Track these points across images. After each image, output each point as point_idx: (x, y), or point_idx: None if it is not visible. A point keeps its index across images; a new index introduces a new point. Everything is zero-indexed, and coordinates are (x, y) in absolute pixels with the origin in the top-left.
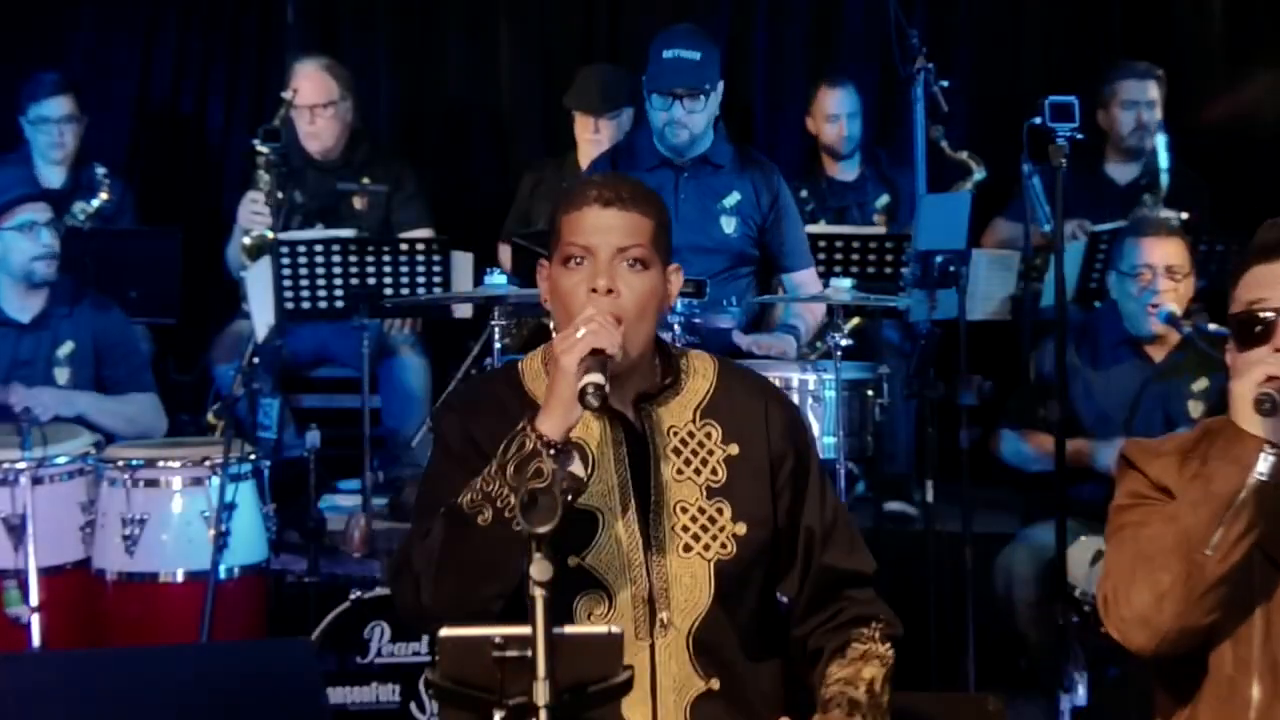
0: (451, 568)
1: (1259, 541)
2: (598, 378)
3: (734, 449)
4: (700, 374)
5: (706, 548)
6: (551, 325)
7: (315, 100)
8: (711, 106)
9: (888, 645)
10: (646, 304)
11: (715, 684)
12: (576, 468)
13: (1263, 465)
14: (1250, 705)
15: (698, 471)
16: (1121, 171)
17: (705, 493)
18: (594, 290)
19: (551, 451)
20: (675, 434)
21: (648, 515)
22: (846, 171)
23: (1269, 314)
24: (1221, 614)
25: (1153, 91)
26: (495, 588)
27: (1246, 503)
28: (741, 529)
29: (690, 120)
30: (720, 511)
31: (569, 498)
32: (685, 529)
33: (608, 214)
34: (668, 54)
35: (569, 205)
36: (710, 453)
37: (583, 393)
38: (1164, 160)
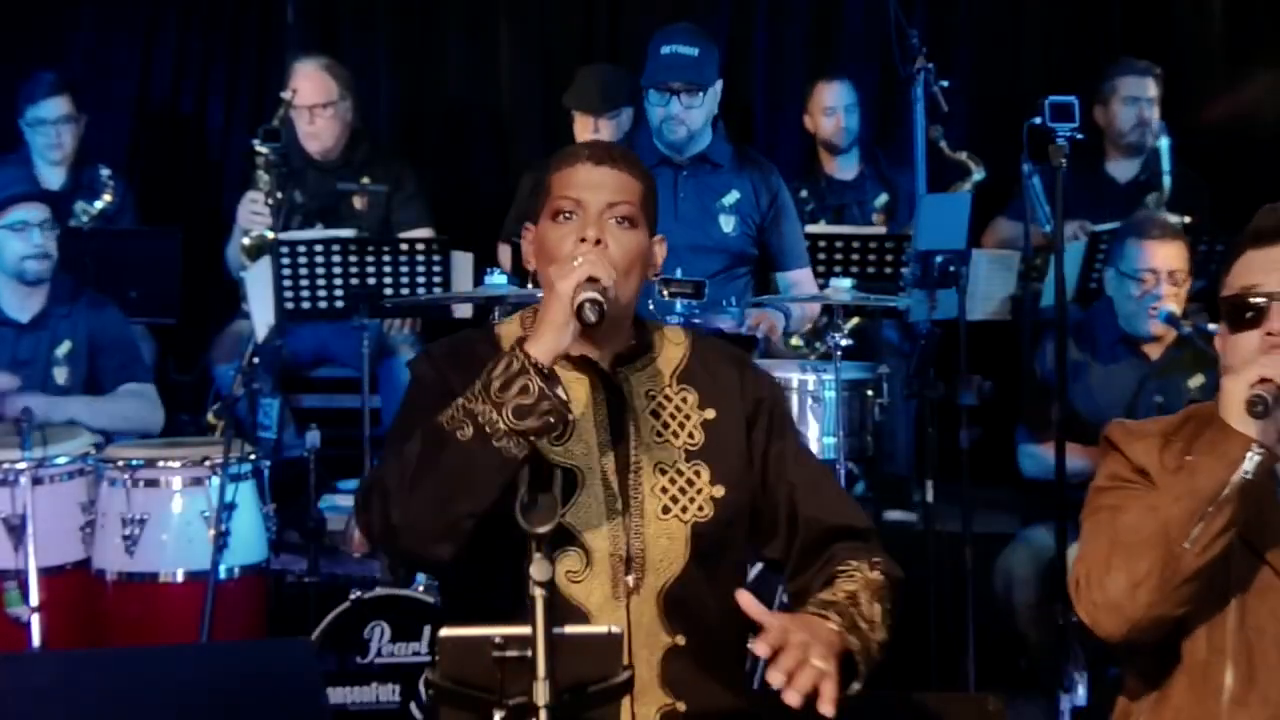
0: (426, 482)
1: (1239, 532)
2: (594, 294)
3: (710, 413)
4: (674, 343)
5: (684, 510)
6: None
7: (315, 100)
8: (709, 104)
9: (877, 572)
10: (633, 261)
11: (681, 640)
12: (563, 392)
13: (1248, 464)
14: (1223, 690)
15: (675, 435)
16: (1122, 170)
17: (684, 455)
18: (583, 240)
19: (540, 374)
20: (653, 398)
21: (627, 476)
22: (845, 170)
23: (1261, 299)
24: (1196, 603)
25: (1153, 89)
26: (469, 505)
27: (1229, 499)
28: (719, 491)
29: (688, 116)
30: (698, 474)
31: (553, 420)
32: (664, 490)
33: (599, 171)
34: (665, 50)
35: (560, 163)
36: (688, 416)
37: (580, 308)
38: (1166, 163)
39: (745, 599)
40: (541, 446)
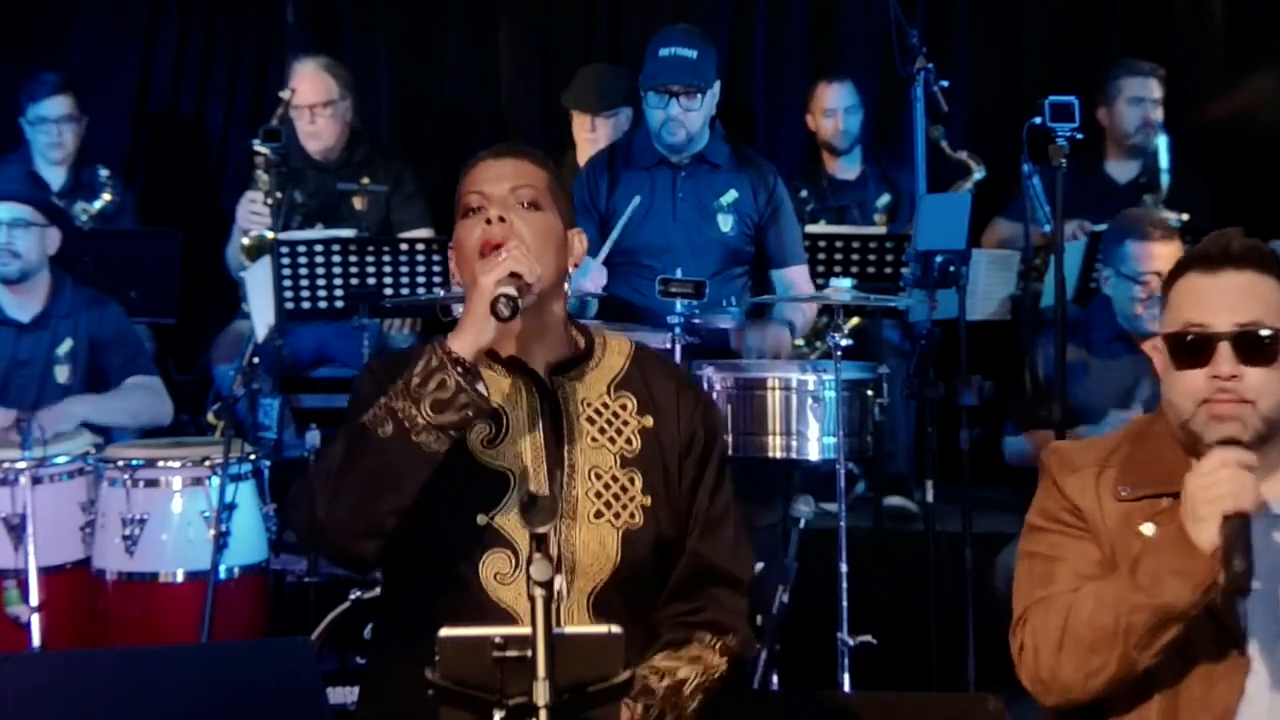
0: (349, 480)
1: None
2: (510, 289)
3: (648, 421)
4: (616, 351)
5: (616, 515)
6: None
7: (314, 100)
8: (708, 105)
9: (723, 659)
10: (544, 240)
11: None
12: (484, 387)
13: (1217, 590)
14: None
15: (612, 440)
16: (1121, 170)
17: (619, 461)
18: (488, 222)
19: (459, 369)
20: (589, 405)
21: (560, 479)
22: (847, 170)
23: (1207, 337)
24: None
25: (1156, 90)
26: (391, 501)
27: (1191, 613)
28: (648, 500)
29: (687, 118)
30: (632, 481)
31: (471, 415)
32: (598, 495)
33: (499, 163)
34: (664, 52)
35: (466, 169)
36: (625, 423)
37: (495, 302)
38: (1165, 161)
39: None
40: (473, 448)
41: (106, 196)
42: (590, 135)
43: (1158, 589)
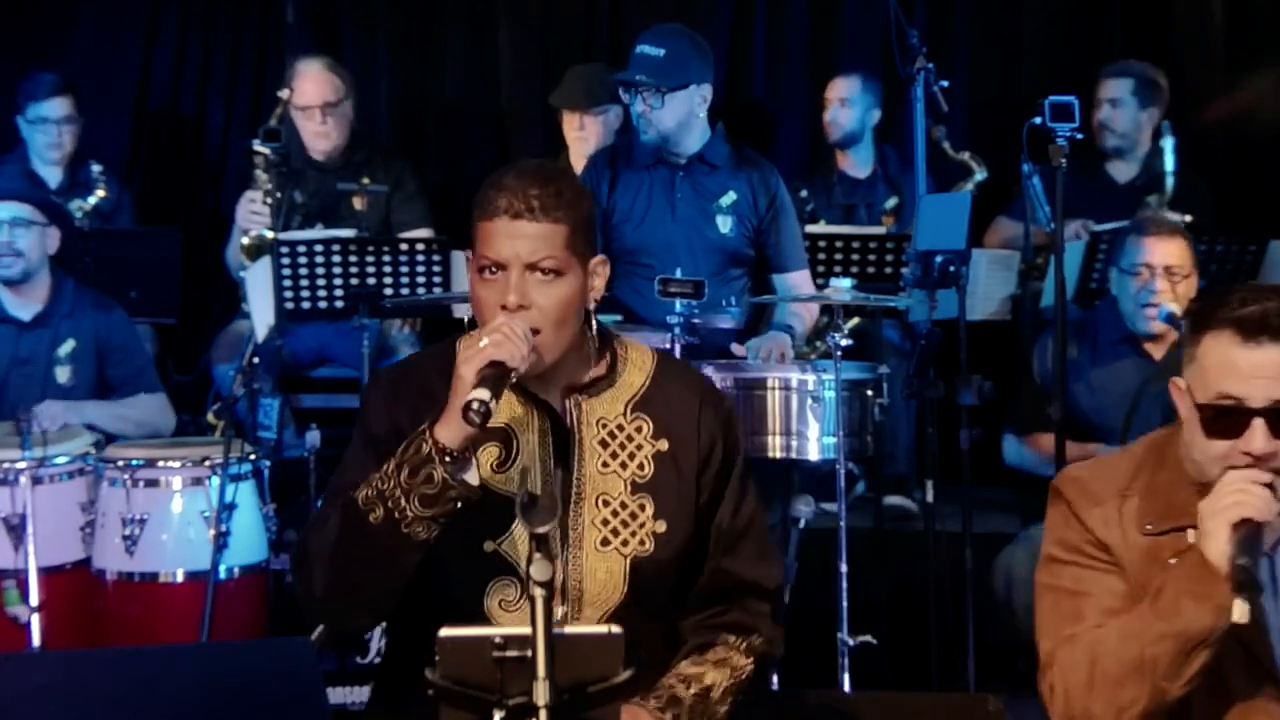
0: (342, 562)
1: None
2: (484, 393)
3: (663, 444)
4: (637, 366)
5: (625, 543)
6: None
7: (323, 100)
8: (682, 106)
9: (749, 659)
10: (564, 312)
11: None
12: (471, 476)
13: (1238, 614)
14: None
15: (624, 465)
16: (1120, 171)
17: (630, 487)
18: (504, 307)
19: (447, 459)
20: (604, 426)
21: (568, 506)
22: (860, 168)
23: (1242, 411)
24: None
25: (1127, 89)
26: (385, 584)
27: (1216, 639)
28: (661, 527)
29: (654, 116)
30: (642, 507)
31: (458, 505)
32: (605, 523)
33: (516, 226)
34: (637, 49)
35: (481, 212)
36: (639, 447)
37: (466, 408)
38: (1170, 163)
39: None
40: (482, 473)
41: (101, 193)
42: (579, 134)
43: (1177, 615)
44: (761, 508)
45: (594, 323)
